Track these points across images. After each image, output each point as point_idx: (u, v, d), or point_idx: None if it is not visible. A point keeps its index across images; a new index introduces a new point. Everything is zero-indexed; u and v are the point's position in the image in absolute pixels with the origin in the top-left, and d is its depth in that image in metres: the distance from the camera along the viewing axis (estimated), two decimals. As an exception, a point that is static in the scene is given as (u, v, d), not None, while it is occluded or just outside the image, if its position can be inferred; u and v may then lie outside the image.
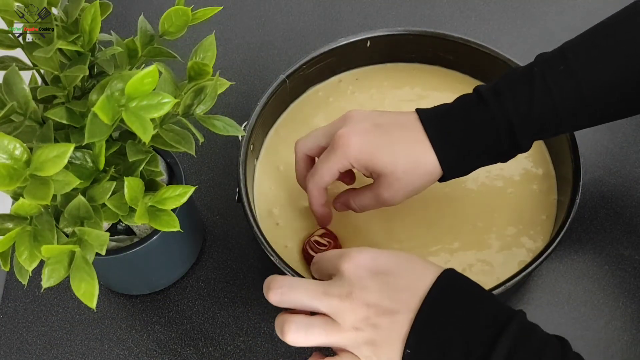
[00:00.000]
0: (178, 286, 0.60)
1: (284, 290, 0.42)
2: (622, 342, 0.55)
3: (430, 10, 0.78)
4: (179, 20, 0.45)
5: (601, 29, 0.50)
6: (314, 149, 0.54)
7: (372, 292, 0.40)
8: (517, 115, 0.48)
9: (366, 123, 0.50)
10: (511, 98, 0.48)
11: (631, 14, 0.49)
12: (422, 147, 0.49)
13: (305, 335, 0.42)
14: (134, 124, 0.36)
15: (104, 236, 0.41)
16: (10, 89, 0.40)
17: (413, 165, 0.49)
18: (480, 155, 0.50)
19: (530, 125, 0.48)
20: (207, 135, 0.47)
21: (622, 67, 0.47)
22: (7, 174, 0.35)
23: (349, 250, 0.43)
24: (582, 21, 0.76)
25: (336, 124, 0.52)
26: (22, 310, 0.60)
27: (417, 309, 0.39)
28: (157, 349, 0.57)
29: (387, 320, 0.40)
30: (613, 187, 0.63)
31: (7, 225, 0.40)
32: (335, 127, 0.52)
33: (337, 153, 0.50)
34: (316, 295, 0.41)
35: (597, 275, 0.58)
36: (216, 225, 0.64)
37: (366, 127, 0.50)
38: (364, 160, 0.49)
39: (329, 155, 0.51)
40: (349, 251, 0.43)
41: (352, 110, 0.52)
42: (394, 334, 0.39)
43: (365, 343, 0.40)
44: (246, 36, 0.77)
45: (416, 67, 0.67)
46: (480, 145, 0.49)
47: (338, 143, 0.50)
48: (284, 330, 0.42)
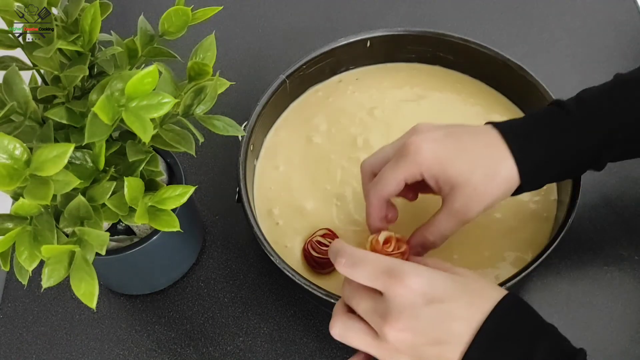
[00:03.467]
0: (178, 286, 0.60)
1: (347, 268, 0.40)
2: (622, 342, 0.55)
3: (430, 10, 0.78)
4: (179, 20, 0.45)
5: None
6: (382, 164, 0.49)
7: (423, 321, 0.38)
8: (603, 128, 0.46)
9: (437, 132, 0.47)
10: (599, 110, 0.46)
11: None
12: (499, 154, 0.46)
13: (344, 335, 0.41)
14: (134, 124, 0.36)
15: (104, 236, 0.41)
16: (10, 89, 0.40)
17: (491, 172, 0.45)
18: (561, 167, 0.47)
19: (616, 139, 0.47)
20: (207, 135, 0.47)
21: None
22: (7, 174, 0.35)
23: (402, 270, 0.39)
24: (582, 21, 0.76)
25: (404, 137, 0.49)
26: (22, 310, 0.60)
27: (469, 342, 0.37)
28: (157, 349, 0.57)
29: (435, 350, 0.38)
30: (613, 187, 0.63)
31: (7, 225, 0.40)
32: (403, 140, 0.49)
33: (407, 160, 0.46)
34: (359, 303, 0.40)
35: (597, 276, 0.58)
36: (216, 225, 0.64)
37: (437, 135, 0.47)
38: (437, 169, 0.46)
39: (397, 163, 0.47)
40: (401, 269, 0.39)
41: (420, 123, 0.49)
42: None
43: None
44: (246, 36, 0.77)
45: (416, 67, 0.67)
46: (563, 155, 0.47)
47: (408, 149, 0.46)
48: (331, 322, 0.41)
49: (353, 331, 0.40)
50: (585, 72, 0.71)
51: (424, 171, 0.46)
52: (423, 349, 0.38)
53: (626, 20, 0.75)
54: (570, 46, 0.74)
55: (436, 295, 0.38)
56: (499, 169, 0.46)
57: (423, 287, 0.38)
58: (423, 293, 0.38)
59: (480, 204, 0.46)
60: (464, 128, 0.48)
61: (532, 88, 0.60)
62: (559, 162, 0.47)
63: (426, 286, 0.38)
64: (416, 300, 0.38)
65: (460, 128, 0.48)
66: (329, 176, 0.61)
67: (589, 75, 0.71)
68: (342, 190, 0.60)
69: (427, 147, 0.46)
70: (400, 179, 0.47)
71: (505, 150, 0.46)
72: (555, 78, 0.71)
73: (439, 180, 0.46)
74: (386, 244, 0.52)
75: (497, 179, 0.46)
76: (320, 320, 0.58)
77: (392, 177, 0.47)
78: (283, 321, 0.58)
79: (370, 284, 0.40)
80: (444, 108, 0.65)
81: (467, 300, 0.38)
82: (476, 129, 0.48)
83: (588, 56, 0.73)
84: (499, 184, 0.46)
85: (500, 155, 0.46)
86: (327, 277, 0.56)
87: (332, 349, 0.56)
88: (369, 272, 0.40)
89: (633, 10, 0.76)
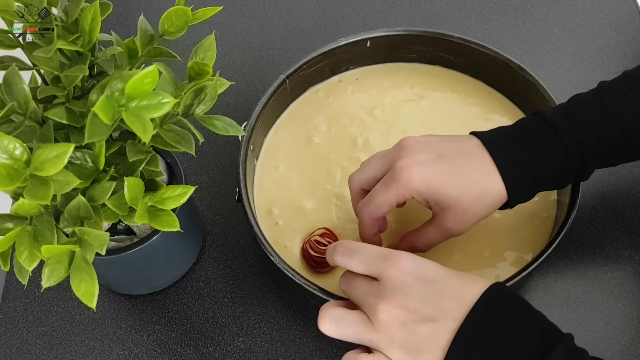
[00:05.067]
0: (178, 286, 0.60)
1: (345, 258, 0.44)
2: (622, 342, 0.55)
3: (430, 10, 0.78)
4: (179, 20, 0.45)
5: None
6: (371, 182, 0.51)
7: (414, 298, 0.40)
8: (589, 139, 0.47)
9: (427, 153, 0.48)
10: (583, 121, 0.47)
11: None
12: (489, 177, 0.47)
13: (337, 327, 0.42)
14: (134, 124, 0.36)
15: (104, 236, 0.41)
16: (10, 89, 0.40)
17: (480, 195, 0.47)
18: (547, 181, 0.48)
19: (600, 150, 0.47)
20: (207, 135, 0.47)
21: None
22: (7, 174, 0.35)
23: (395, 253, 0.42)
24: (582, 21, 0.76)
25: (392, 154, 0.49)
26: (22, 310, 0.60)
27: (461, 319, 0.38)
28: (157, 349, 0.57)
29: (427, 328, 0.39)
30: (613, 187, 0.63)
31: (7, 225, 0.40)
32: (390, 157, 0.49)
33: (398, 185, 0.47)
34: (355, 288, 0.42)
35: (597, 276, 0.58)
36: (216, 225, 0.64)
37: (428, 157, 0.47)
38: (428, 194, 0.47)
39: (388, 187, 0.48)
40: (395, 254, 0.42)
41: (407, 138, 0.50)
42: (433, 342, 0.39)
43: (399, 347, 0.40)
44: (246, 36, 0.77)
45: (416, 67, 0.67)
46: (549, 169, 0.47)
47: (399, 175, 0.47)
48: (319, 318, 0.42)
49: (344, 320, 0.42)
50: (585, 72, 0.71)
51: (415, 195, 0.48)
52: (415, 327, 0.39)
53: (626, 20, 0.75)
54: (570, 46, 0.74)
55: (428, 276, 0.41)
56: (489, 192, 0.47)
57: (416, 268, 0.41)
58: (415, 273, 0.41)
59: (469, 222, 0.48)
60: (452, 146, 0.49)
61: (532, 88, 0.60)
62: (543, 180, 0.48)
63: (419, 268, 0.41)
64: (408, 279, 0.40)
65: (449, 147, 0.48)
66: (329, 176, 0.61)
67: (589, 75, 0.71)
68: (341, 190, 0.60)
69: (417, 172, 0.47)
70: (392, 201, 0.48)
71: (494, 172, 0.47)
72: (555, 78, 0.71)
73: (430, 202, 0.48)
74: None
75: (486, 200, 0.47)
76: (320, 320, 0.58)
77: (383, 200, 0.48)
78: (283, 321, 0.58)
79: (366, 269, 0.43)
80: (444, 108, 0.65)
81: (458, 282, 0.41)
82: (465, 147, 0.48)
83: (588, 56, 0.73)
84: (489, 204, 0.48)
85: (490, 178, 0.47)
86: (327, 276, 0.56)
87: (332, 349, 0.56)
88: (364, 258, 0.43)
89: (633, 10, 0.76)
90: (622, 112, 0.47)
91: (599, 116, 0.47)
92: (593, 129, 0.47)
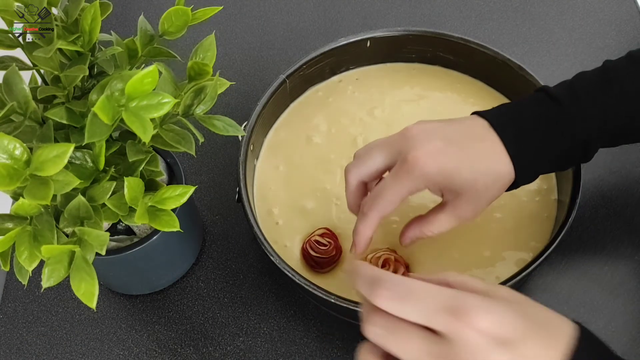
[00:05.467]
0: (178, 286, 0.60)
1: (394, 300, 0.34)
2: (622, 342, 0.55)
3: (430, 10, 0.78)
4: (179, 20, 0.45)
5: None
6: (373, 174, 0.48)
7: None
8: (595, 120, 0.47)
9: (437, 141, 0.46)
10: (590, 101, 0.47)
11: None
12: (500, 158, 0.46)
13: None
14: (134, 124, 0.36)
15: (104, 236, 0.41)
16: (10, 89, 0.40)
17: (494, 178, 0.46)
18: (552, 161, 0.48)
19: (605, 130, 0.47)
20: (207, 135, 0.47)
21: None
22: (7, 174, 0.35)
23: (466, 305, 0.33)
24: (582, 21, 0.76)
25: (397, 145, 0.47)
26: (22, 310, 0.60)
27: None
28: (157, 349, 0.57)
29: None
30: (613, 187, 0.63)
31: (7, 225, 0.40)
32: (396, 148, 0.47)
33: (413, 177, 0.45)
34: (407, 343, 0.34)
35: (597, 275, 0.58)
36: (216, 225, 0.64)
37: (439, 146, 0.45)
38: (445, 183, 0.45)
39: (400, 180, 0.45)
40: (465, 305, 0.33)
41: (411, 127, 0.47)
42: None
43: None
44: (246, 36, 0.77)
45: (416, 67, 0.67)
46: (555, 151, 0.47)
47: (413, 167, 0.45)
48: None
49: None
50: (585, 72, 0.71)
51: (430, 185, 0.46)
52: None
53: (626, 20, 0.75)
54: (570, 46, 0.74)
55: (507, 336, 0.33)
56: (501, 174, 0.46)
57: (493, 328, 0.33)
58: (492, 335, 0.33)
59: (482, 206, 0.47)
60: (460, 130, 0.47)
61: (532, 88, 0.60)
62: (552, 156, 0.48)
63: (497, 326, 0.33)
64: (484, 344, 0.33)
65: (457, 131, 0.47)
66: (329, 176, 0.61)
67: (589, 75, 0.71)
68: (341, 190, 0.60)
69: (431, 162, 0.45)
70: (404, 195, 0.46)
71: (502, 151, 0.46)
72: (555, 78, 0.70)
73: (444, 190, 0.47)
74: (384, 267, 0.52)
75: (499, 183, 0.47)
76: (321, 320, 0.58)
77: (396, 194, 0.46)
78: (283, 321, 0.58)
79: (425, 322, 0.33)
80: (444, 108, 0.65)
81: (540, 341, 0.33)
82: (475, 131, 0.47)
83: (588, 56, 0.73)
84: (501, 186, 0.47)
85: (501, 160, 0.46)
86: (327, 276, 0.56)
87: (332, 349, 0.56)
88: (425, 307, 0.33)
89: (633, 10, 0.76)
90: (628, 91, 0.47)
91: (605, 96, 0.47)
92: (599, 110, 0.47)
